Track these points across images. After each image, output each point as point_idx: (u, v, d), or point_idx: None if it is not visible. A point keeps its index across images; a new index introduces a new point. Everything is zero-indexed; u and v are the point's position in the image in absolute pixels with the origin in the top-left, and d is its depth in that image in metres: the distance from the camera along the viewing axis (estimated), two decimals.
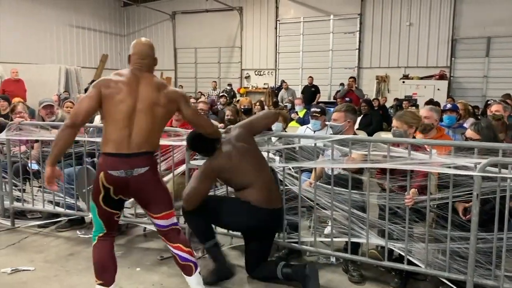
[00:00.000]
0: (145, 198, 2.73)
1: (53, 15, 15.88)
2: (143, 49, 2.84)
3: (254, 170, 3.16)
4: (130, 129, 2.61)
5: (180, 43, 18.40)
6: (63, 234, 4.20)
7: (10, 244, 3.91)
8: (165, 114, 2.78)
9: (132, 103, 2.64)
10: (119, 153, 2.59)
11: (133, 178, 2.61)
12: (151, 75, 2.83)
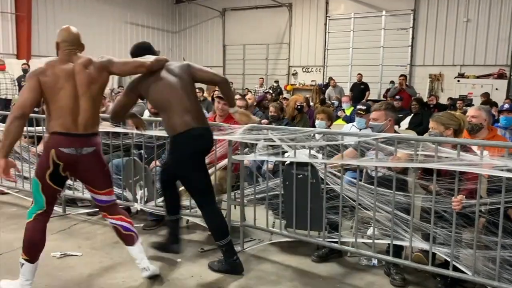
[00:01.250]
0: (91, 175, 2.94)
1: (110, 12, 16.54)
2: (69, 36, 2.96)
3: (180, 94, 3.13)
4: (76, 114, 2.81)
5: (229, 40, 18.58)
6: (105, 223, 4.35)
7: (61, 230, 4.12)
8: (100, 88, 2.94)
9: (73, 88, 2.81)
10: (69, 133, 2.79)
11: (82, 156, 2.82)
12: (80, 56, 2.93)
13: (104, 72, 2.94)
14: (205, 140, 3.26)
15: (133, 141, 4.35)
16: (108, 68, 2.96)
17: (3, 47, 13.37)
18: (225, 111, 4.34)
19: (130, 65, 3.06)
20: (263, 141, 3.67)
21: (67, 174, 2.90)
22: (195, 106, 3.22)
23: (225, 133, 3.79)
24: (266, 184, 3.71)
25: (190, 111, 3.14)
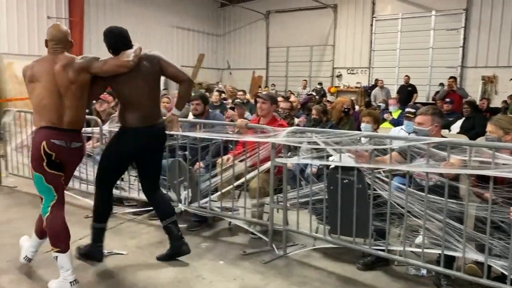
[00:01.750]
0: (70, 168, 3.15)
1: (158, 17, 16.98)
2: (57, 34, 3.09)
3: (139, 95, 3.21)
4: (61, 111, 2.98)
5: (273, 42, 18.58)
6: (154, 223, 4.43)
7: (108, 229, 4.21)
8: (80, 88, 3.04)
9: (53, 87, 2.97)
10: (57, 127, 2.97)
11: (72, 150, 3.03)
12: (64, 56, 3.06)
13: (83, 73, 3.04)
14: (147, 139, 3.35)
15: (178, 143, 4.41)
16: (88, 69, 3.06)
17: None
18: (264, 110, 4.34)
19: (111, 65, 3.10)
20: (306, 144, 3.61)
21: (61, 161, 3.03)
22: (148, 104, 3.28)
23: (268, 135, 3.77)
24: (309, 188, 3.64)
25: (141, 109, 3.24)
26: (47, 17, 13.69)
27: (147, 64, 3.25)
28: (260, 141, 3.86)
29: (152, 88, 3.32)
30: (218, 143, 4.24)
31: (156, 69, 3.30)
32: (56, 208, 2.99)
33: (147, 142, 3.35)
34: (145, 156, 3.43)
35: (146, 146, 3.37)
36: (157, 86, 3.40)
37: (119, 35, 3.25)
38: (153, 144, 3.43)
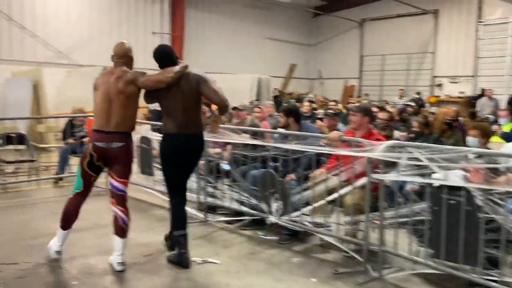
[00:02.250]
0: (115, 164, 3.52)
1: (251, 29, 17.46)
2: (119, 51, 3.60)
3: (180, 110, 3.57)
4: (109, 115, 3.45)
5: (367, 50, 18.08)
6: (245, 233, 4.46)
7: (202, 236, 4.34)
8: (128, 98, 3.48)
9: (107, 94, 3.46)
10: (102, 130, 3.46)
11: (111, 149, 3.46)
12: (121, 69, 3.54)
13: (130, 85, 3.49)
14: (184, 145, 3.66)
15: (269, 154, 4.40)
16: (135, 82, 3.51)
17: None
18: (355, 123, 4.17)
19: (152, 81, 3.54)
20: (407, 160, 3.37)
21: (101, 164, 3.53)
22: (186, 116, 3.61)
23: (364, 149, 3.59)
24: (409, 207, 3.39)
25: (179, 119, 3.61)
26: (152, 33, 14.76)
27: (187, 82, 3.59)
28: (355, 155, 3.69)
29: (190, 104, 3.63)
30: (309, 156, 4.15)
31: (195, 88, 3.61)
32: (77, 195, 3.61)
33: (182, 145, 3.66)
34: (185, 160, 3.72)
35: (182, 148, 3.67)
36: (196, 102, 3.68)
37: (162, 53, 3.67)
38: (189, 149, 3.71)
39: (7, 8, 11.68)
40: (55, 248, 3.60)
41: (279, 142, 4.44)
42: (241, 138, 4.65)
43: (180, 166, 3.72)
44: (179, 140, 3.65)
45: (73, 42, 12.75)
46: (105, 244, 3.94)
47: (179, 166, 3.71)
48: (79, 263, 3.59)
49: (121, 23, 13.92)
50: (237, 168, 4.82)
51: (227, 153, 5.02)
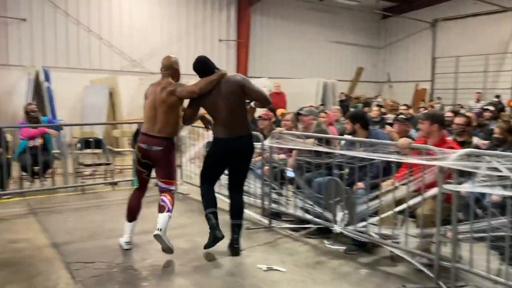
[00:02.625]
0: (156, 165, 4.00)
1: (316, 33, 17.31)
2: (166, 63, 4.03)
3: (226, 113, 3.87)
4: (154, 121, 3.91)
5: (439, 52, 17.24)
6: (311, 241, 4.40)
7: (266, 242, 4.35)
8: (169, 107, 3.88)
9: (153, 102, 3.93)
10: (147, 133, 3.94)
11: (152, 151, 3.90)
12: (166, 80, 3.97)
13: (172, 95, 3.88)
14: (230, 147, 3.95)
15: (334, 161, 4.32)
16: (174, 93, 3.88)
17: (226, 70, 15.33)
18: (424, 131, 4.00)
19: (186, 91, 3.89)
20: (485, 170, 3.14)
21: (147, 161, 3.99)
22: (231, 119, 3.90)
23: (435, 158, 3.40)
24: (488, 221, 3.15)
25: (224, 123, 3.91)
26: (219, 40, 15.13)
27: (229, 87, 3.87)
28: (426, 164, 3.51)
29: (233, 107, 3.90)
30: (377, 163, 4.01)
31: (236, 91, 3.88)
32: (136, 191, 4.18)
33: (229, 149, 3.96)
34: (233, 161, 4.04)
35: (229, 152, 3.98)
36: (239, 104, 3.95)
37: (199, 63, 3.99)
38: (237, 150, 3.98)
39: (87, 20, 12.55)
40: (124, 239, 4.09)
41: (345, 149, 4.35)
42: (306, 144, 4.60)
43: (223, 165, 4.12)
44: (226, 144, 3.95)
45: (146, 51, 13.41)
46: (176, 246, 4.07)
47: (221, 164, 4.12)
48: (148, 265, 3.73)
49: (189, 31, 14.42)
50: (301, 175, 4.77)
51: (292, 160, 4.99)
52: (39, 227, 4.76)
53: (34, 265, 3.69)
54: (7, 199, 5.94)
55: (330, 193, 4.25)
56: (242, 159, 4.06)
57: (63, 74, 11.61)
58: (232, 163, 4.07)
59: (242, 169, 4.12)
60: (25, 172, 6.32)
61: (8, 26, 11.54)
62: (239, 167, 4.09)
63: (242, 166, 4.10)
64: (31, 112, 6.47)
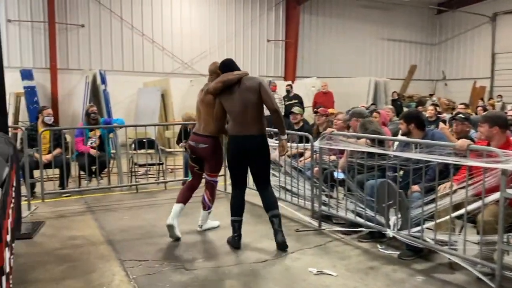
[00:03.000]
0: (204, 161, 4.51)
1: (367, 31, 16.91)
2: (210, 68, 4.47)
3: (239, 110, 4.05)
4: (200, 120, 4.46)
5: (500, 47, 16.32)
6: (363, 245, 4.28)
7: (317, 245, 4.27)
8: (207, 106, 4.36)
9: (198, 103, 4.49)
10: (195, 132, 4.50)
11: (199, 148, 4.41)
12: (208, 83, 4.43)
13: (207, 94, 4.28)
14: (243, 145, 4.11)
15: (388, 163, 4.17)
16: (208, 91, 4.23)
17: (274, 71, 15.34)
18: (483, 134, 3.78)
19: (212, 86, 4.16)
20: None
21: (196, 157, 4.52)
22: (244, 117, 4.06)
23: (497, 160, 3.18)
24: None
25: (241, 123, 4.07)
26: (267, 40, 15.15)
27: (247, 87, 4.05)
28: (488, 167, 3.29)
29: (249, 106, 4.04)
30: (434, 166, 3.82)
31: (253, 89, 4.03)
32: (189, 183, 4.70)
33: (242, 146, 4.11)
34: (248, 158, 4.16)
35: (242, 149, 4.11)
36: (254, 104, 4.05)
37: (223, 65, 4.25)
38: (249, 150, 4.11)
39: (140, 24, 12.99)
40: (169, 220, 4.40)
41: (399, 150, 4.19)
42: (358, 145, 4.48)
43: (240, 164, 4.22)
44: (237, 142, 4.13)
45: (196, 54, 13.67)
46: (225, 247, 4.11)
47: (238, 164, 4.22)
48: (199, 265, 3.77)
49: (238, 33, 14.55)
50: (353, 177, 4.65)
51: (343, 161, 4.88)
52: (96, 225, 4.96)
53: (90, 261, 3.84)
54: (66, 197, 6.25)
55: (383, 196, 4.11)
56: (256, 158, 4.16)
57: (118, 77, 12.11)
58: (248, 162, 4.20)
59: (259, 166, 4.22)
60: (83, 171, 6.62)
61: (68, 32, 12.17)
62: (256, 165, 4.20)
63: (258, 164, 4.20)
64: (92, 114, 6.77)
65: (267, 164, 4.26)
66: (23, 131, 6.06)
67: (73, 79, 11.95)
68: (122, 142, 7.69)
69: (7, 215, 2.24)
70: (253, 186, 5.94)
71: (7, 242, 2.12)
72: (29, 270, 3.61)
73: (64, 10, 12.04)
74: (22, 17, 11.55)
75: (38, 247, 4.20)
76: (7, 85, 4.62)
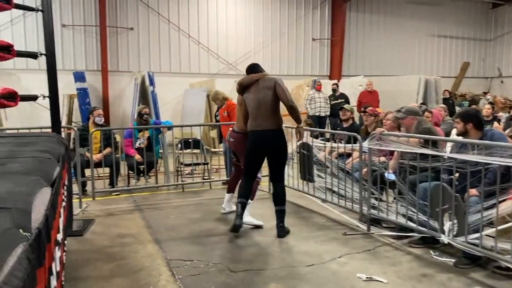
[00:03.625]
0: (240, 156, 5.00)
1: (415, 27, 16.31)
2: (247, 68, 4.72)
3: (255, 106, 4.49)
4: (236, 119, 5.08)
5: None
6: (414, 251, 4.07)
7: (366, 250, 4.10)
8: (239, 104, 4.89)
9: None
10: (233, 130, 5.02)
11: (231, 142, 5.06)
12: None
13: (238, 95, 4.84)
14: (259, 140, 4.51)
15: (442, 165, 3.94)
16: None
17: (319, 69, 15.11)
18: None
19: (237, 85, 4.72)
20: None
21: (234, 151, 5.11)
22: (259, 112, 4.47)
23: None
24: None
25: (256, 118, 4.49)
26: (312, 39, 14.96)
27: (264, 85, 4.46)
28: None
29: (265, 102, 4.43)
30: (494, 169, 3.56)
31: (269, 86, 4.43)
32: (233, 175, 5.33)
33: (259, 140, 4.50)
34: (264, 152, 4.54)
35: (258, 143, 4.52)
36: (271, 100, 4.43)
37: (248, 68, 4.72)
38: (264, 143, 4.49)
39: (187, 26, 13.18)
40: (223, 206, 5.34)
41: (455, 152, 3.96)
42: (410, 146, 4.28)
43: (255, 157, 4.60)
44: (254, 136, 4.52)
45: (241, 54, 13.71)
46: (271, 249, 4.03)
47: (253, 156, 4.60)
48: (244, 267, 3.72)
49: (283, 32, 14.44)
50: (404, 179, 4.44)
51: (393, 162, 4.68)
52: (144, 223, 5.04)
53: (138, 260, 3.89)
54: (116, 196, 6.41)
55: (437, 200, 3.89)
56: (270, 151, 4.51)
57: (166, 79, 12.35)
58: (263, 156, 4.58)
59: (273, 159, 4.56)
60: (131, 170, 6.77)
61: (118, 35, 12.54)
62: (271, 159, 4.57)
63: (273, 157, 4.55)
64: (145, 115, 6.94)
65: (281, 159, 4.58)
66: (75, 131, 6.27)
67: (123, 81, 12.31)
68: (169, 142, 7.80)
69: (58, 215, 2.27)
70: (298, 186, 5.89)
71: (58, 241, 2.14)
72: (80, 267, 3.70)
73: (114, 14, 12.43)
74: (76, 21, 12.02)
75: (88, 244, 4.32)
76: (61, 87, 4.79)
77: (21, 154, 2.81)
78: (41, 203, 1.79)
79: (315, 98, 11.10)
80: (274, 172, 4.62)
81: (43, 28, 4.27)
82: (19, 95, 3.87)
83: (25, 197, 1.72)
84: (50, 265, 1.77)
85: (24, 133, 5.17)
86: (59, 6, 11.69)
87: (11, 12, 11.23)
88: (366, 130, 5.67)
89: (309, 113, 11.04)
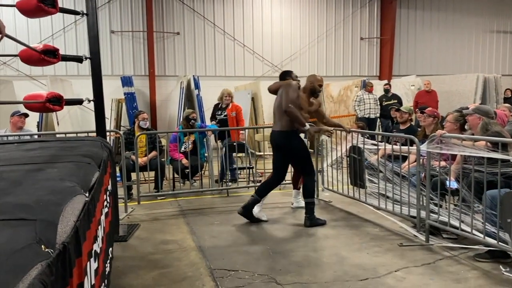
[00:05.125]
0: None
1: (471, 23, 15.42)
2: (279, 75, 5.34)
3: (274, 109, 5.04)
4: None
5: None
6: (481, 266, 3.66)
7: (425, 263, 3.73)
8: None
9: None
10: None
11: None
12: None
13: None
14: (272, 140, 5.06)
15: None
16: None
17: (368, 70, 14.58)
18: None
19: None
20: None
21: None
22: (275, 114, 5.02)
23: None
24: None
25: (274, 121, 5.09)
26: (360, 38, 14.47)
27: (279, 92, 4.93)
28: None
29: (278, 107, 4.92)
30: None
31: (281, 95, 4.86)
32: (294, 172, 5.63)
33: (272, 141, 5.06)
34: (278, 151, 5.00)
35: (273, 144, 5.08)
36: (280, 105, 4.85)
37: (280, 75, 5.36)
38: (274, 144, 5.03)
39: (232, 30, 13.13)
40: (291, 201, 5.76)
41: None
42: (475, 150, 3.87)
43: (275, 155, 5.08)
44: (271, 136, 5.04)
45: (286, 56, 13.47)
46: (321, 260, 3.77)
47: (274, 155, 5.12)
48: (291, 279, 3.47)
49: (329, 32, 14.06)
50: (468, 185, 4.02)
51: (455, 167, 4.27)
52: (188, 229, 4.91)
53: (181, 268, 3.74)
54: (161, 200, 6.36)
55: (509, 210, 3.47)
56: (282, 151, 4.95)
57: (211, 82, 12.32)
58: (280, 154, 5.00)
59: (288, 159, 5.05)
60: (177, 174, 6.71)
61: (165, 40, 12.68)
62: (289, 157, 5.02)
63: (286, 157, 5.01)
64: (192, 119, 6.90)
65: (293, 157, 5.01)
66: (121, 135, 6.29)
67: (169, 85, 12.42)
68: (213, 146, 7.69)
69: (95, 224, 2.13)
70: (348, 193, 5.58)
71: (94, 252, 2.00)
72: (122, 275, 3.60)
73: (161, 19, 12.58)
74: (124, 27, 12.27)
75: (132, 251, 4.23)
76: (110, 92, 4.78)
77: (62, 159, 2.72)
78: (71, 213, 1.64)
79: (364, 99, 10.66)
80: (298, 170, 5.33)
81: (87, 31, 4.25)
82: (64, 99, 3.86)
83: (53, 207, 1.57)
84: (80, 282, 1.62)
85: (70, 138, 5.21)
86: (108, 13, 11.99)
87: (63, 19, 11.72)
88: (424, 132, 5.26)
89: (358, 115, 10.61)
